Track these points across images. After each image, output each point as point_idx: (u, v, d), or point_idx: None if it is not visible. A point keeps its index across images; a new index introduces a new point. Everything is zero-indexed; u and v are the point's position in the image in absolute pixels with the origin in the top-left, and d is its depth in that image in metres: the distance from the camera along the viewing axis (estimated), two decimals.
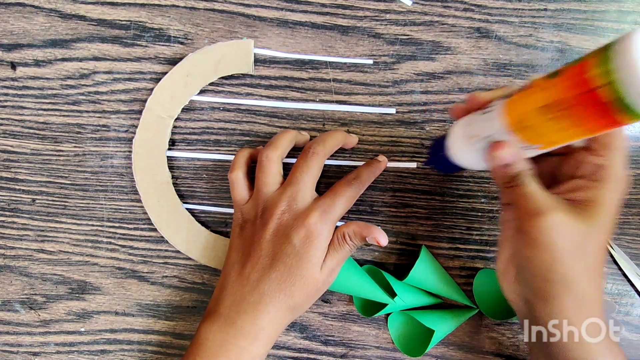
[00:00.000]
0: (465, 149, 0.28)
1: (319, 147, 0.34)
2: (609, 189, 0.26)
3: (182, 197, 0.39)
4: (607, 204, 0.26)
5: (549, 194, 0.26)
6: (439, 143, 0.30)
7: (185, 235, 0.38)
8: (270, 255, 0.31)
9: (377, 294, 0.36)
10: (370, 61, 0.38)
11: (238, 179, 0.35)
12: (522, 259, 0.27)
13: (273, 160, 0.34)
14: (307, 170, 0.33)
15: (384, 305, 0.36)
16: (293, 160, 0.37)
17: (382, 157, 0.37)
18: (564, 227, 0.25)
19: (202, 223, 0.39)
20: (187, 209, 0.39)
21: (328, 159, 0.38)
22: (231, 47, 0.37)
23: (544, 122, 0.22)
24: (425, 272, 0.36)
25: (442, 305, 0.38)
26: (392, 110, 0.38)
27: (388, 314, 0.38)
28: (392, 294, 0.36)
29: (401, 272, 0.38)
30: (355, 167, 0.38)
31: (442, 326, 0.36)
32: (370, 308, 0.38)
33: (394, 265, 0.39)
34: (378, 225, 0.38)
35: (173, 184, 0.38)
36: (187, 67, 0.37)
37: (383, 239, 0.32)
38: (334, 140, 0.35)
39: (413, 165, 0.38)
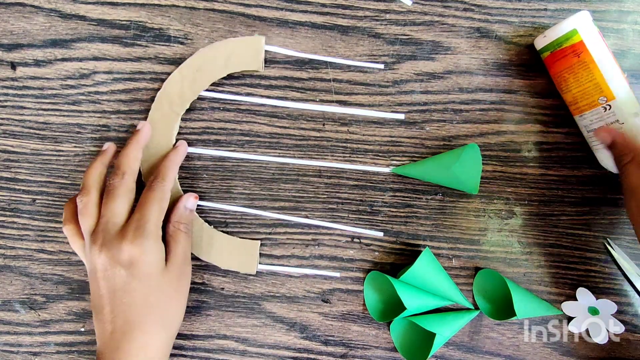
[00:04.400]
0: None
1: (119, 176, 0.33)
2: None
3: None
4: None
5: None
6: None
7: None
8: (111, 288, 0.31)
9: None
10: (382, 66, 0.37)
11: (70, 230, 0.34)
12: None
13: (90, 202, 0.33)
14: (114, 199, 0.33)
15: (398, 310, 0.36)
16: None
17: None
18: None
19: None
20: None
21: (329, 161, 0.38)
22: (242, 44, 0.37)
23: None
24: (425, 271, 0.36)
25: (442, 308, 0.38)
26: (401, 116, 0.38)
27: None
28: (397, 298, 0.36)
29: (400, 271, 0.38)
30: (355, 170, 0.38)
31: (444, 330, 0.36)
32: (386, 313, 0.38)
33: (393, 265, 0.39)
34: (378, 226, 0.38)
35: None
36: (198, 62, 0.37)
37: (191, 201, 0.36)
38: (132, 160, 0.34)
39: None
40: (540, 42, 0.35)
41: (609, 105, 0.33)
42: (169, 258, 0.33)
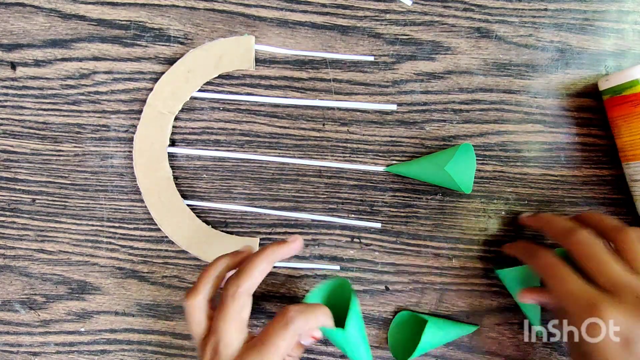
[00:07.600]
0: None
1: (235, 288, 0.29)
2: None
3: (183, 197, 0.39)
4: None
5: None
6: None
7: (186, 232, 0.38)
8: None
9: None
10: (372, 57, 0.38)
11: (197, 307, 0.30)
12: None
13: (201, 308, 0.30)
14: (226, 316, 0.29)
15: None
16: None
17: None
18: None
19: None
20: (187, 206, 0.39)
21: (329, 161, 0.38)
22: (232, 43, 0.37)
23: None
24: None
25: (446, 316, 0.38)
26: (393, 107, 0.38)
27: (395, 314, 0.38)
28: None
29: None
30: (355, 170, 0.38)
31: (437, 334, 0.36)
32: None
33: (393, 265, 0.39)
34: (378, 222, 0.38)
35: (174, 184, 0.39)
36: (189, 63, 0.37)
37: (317, 333, 0.30)
38: (255, 271, 0.30)
39: None
40: (602, 84, 0.35)
41: None
42: None
